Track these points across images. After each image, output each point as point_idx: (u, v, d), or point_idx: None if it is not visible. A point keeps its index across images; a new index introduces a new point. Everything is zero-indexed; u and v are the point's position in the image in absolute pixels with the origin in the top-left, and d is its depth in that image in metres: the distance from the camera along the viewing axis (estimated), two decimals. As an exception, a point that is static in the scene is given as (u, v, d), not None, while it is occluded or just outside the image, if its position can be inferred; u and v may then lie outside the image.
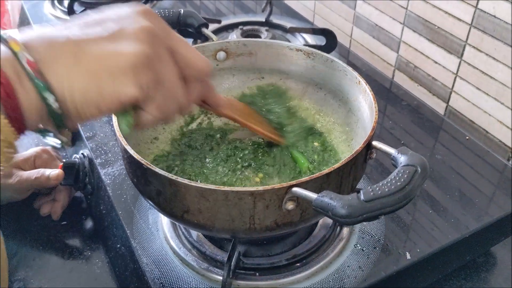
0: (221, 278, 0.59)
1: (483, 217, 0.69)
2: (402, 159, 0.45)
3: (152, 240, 0.65)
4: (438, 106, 0.96)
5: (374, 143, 0.51)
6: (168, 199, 0.50)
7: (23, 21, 1.22)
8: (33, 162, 0.79)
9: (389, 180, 0.42)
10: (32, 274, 0.72)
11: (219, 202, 0.47)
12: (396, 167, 0.45)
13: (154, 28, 0.42)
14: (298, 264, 0.61)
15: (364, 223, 0.66)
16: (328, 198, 0.42)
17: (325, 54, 0.66)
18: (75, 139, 0.86)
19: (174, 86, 0.43)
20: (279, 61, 0.71)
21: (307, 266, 0.60)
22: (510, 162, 0.83)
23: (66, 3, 1.18)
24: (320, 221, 0.65)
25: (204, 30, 0.72)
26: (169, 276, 0.60)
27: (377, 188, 0.42)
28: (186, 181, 0.47)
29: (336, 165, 0.48)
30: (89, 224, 0.80)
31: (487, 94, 0.87)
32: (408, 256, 0.62)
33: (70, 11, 1.08)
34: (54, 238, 0.78)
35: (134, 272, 0.65)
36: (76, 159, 0.79)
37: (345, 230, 0.65)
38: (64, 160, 0.79)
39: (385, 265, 0.61)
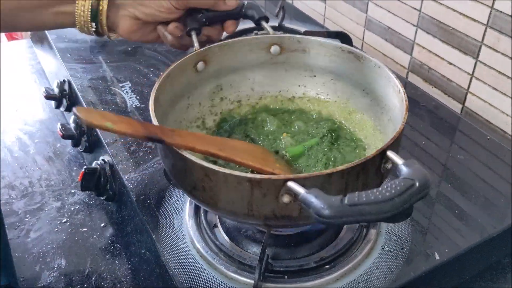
0: (249, 281, 0.59)
1: (506, 218, 0.69)
2: (404, 171, 0.44)
3: (178, 244, 0.65)
4: (454, 107, 0.97)
5: (389, 152, 0.50)
6: (179, 173, 0.54)
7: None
8: None
9: (381, 189, 0.42)
10: (55, 280, 0.72)
11: (220, 183, 0.50)
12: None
13: None
14: (326, 266, 0.61)
15: (390, 224, 0.66)
16: (313, 196, 0.42)
17: (374, 59, 0.66)
18: (95, 145, 0.86)
19: None
20: (331, 61, 0.71)
21: (335, 268, 0.60)
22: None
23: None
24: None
25: (264, 23, 0.73)
26: (197, 280, 0.60)
27: (364, 194, 0.41)
28: (193, 158, 0.50)
29: (340, 167, 0.47)
30: (109, 230, 0.80)
31: (505, 94, 0.87)
32: (437, 257, 0.62)
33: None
34: (75, 244, 0.78)
35: (160, 277, 0.65)
36: (97, 165, 0.79)
37: (372, 231, 0.65)
38: (85, 167, 0.79)
39: (415, 265, 0.61)
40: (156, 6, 0.66)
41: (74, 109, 0.48)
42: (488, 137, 0.84)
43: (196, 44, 0.68)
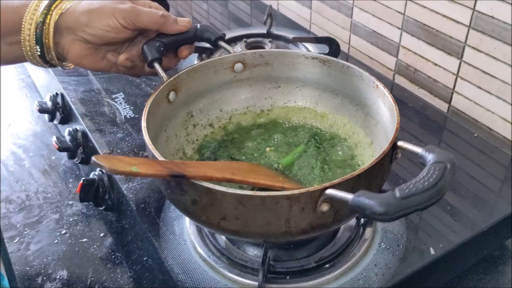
0: (252, 282, 0.61)
1: (495, 213, 0.71)
2: (430, 156, 0.47)
3: (181, 250, 0.66)
4: (441, 107, 0.99)
5: (400, 143, 0.53)
6: (204, 208, 0.51)
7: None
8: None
9: (421, 177, 0.44)
10: (57, 292, 0.73)
11: (255, 207, 0.49)
12: (425, 165, 0.47)
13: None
14: (326, 266, 0.62)
15: (385, 222, 0.68)
16: (364, 198, 0.44)
17: (341, 61, 0.68)
18: (91, 157, 0.87)
19: None
20: (295, 69, 0.73)
21: (335, 267, 0.62)
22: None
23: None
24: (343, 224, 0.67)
25: (221, 43, 0.74)
26: (201, 283, 0.62)
27: (411, 186, 0.44)
28: (223, 189, 0.49)
29: (366, 166, 0.50)
30: (109, 240, 0.81)
31: (489, 92, 0.90)
32: (432, 252, 0.64)
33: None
34: (75, 255, 0.78)
35: (163, 282, 0.66)
36: (95, 176, 0.80)
37: (368, 230, 0.67)
38: (83, 178, 0.80)
39: (411, 261, 0.63)
40: (102, 26, 0.66)
41: (93, 158, 0.47)
42: (475, 135, 0.86)
43: (163, 74, 0.67)
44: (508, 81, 0.86)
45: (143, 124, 0.59)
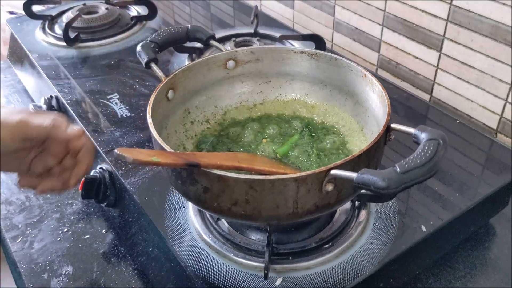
0: (257, 264, 0.64)
1: (477, 194, 0.76)
2: (423, 135, 0.51)
3: (187, 238, 0.69)
4: (423, 98, 1.04)
5: (393, 125, 0.57)
6: (216, 195, 0.55)
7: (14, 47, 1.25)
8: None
9: (418, 153, 0.49)
10: (64, 286, 0.75)
11: (265, 191, 0.52)
12: (419, 143, 0.52)
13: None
14: (326, 246, 0.66)
15: (379, 204, 0.72)
16: (368, 174, 0.48)
17: (328, 53, 0.72)
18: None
19: None
20: (285, 64, 0.77)
21: (334, 246, 0.66)
22: (496, 136, 0.91)
23: (56, 29, 1.22)
24: (339, 208, 0.71)
25: (212, 42, 0.77)
26: (208, 268, 0.65)
27: (410, 161, 0.48)
28: (235, 175, 0.52)
29: (365, 148, 0.54)
30: (111, 235, 0.83)
31: (468, 82, 0.95)
32: (424, 229, 0.68)
33: (66, 38, 1.11)
34: (79, 251, 0.81)
35: (171, 270, 0.69)
36: (97, 174, 0.83)
37: (363, 212, 0.71)
38: (85, 176, 0.82)
39: (405, 238, 0.67)
40: None
41: (116, 151, 0.50)
42: (457, 121, 0.91)
43: (160, 74, 0.70)
44: (486, 71, 0.91)
45: (149, 120, 0.62)
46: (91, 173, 0.84)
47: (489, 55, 0.89)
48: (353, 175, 0.49)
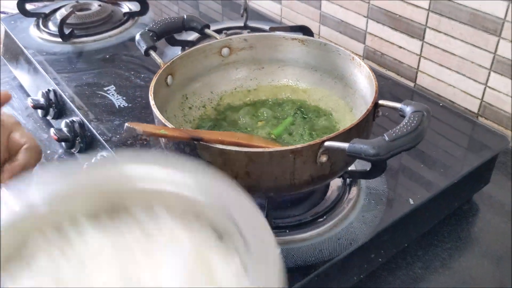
0: (256, 238, 0.68)
1: (464, 168, 0.81)
2: (409, 108, 0.56)
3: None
4: (407, 86, 1.09)
5: (381, 101, 0.61)
6: (218, 169, 0.58)
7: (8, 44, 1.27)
8: None
9: (404, 124, 0.53)
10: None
11: (265, 163, 0.56)
12: (404, 116, 0.56)
13: None
14: (320, 219, 0.70)
15: (369, 180, 0.76)
16: (359, 143, 0.52)
17: (318, 39, 0.77)
18: (89, 145, 0.93)
19: None
20: (277, 51, 0.81)
21: (329, 219, 0.70)
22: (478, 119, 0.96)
23: (50, 26, 1.25)
24: (332, 185, 0.75)
25: (207, 30, 0.81)
26: (210, 243, 0.68)
27: (397, 130, 0.52)
28: (236, 148, 0.56)
29: (355, 122, 0.58)
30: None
31: (450, 69, 1.00)
32: (411, 202, 0.73)
33: (61, 33, 1.14)
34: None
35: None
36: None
37: (354, 188, 0.75)
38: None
39: (394, 210, 0.72)
40: None
41: (127, 124, 0.53)
42: (440, 104, 0.96)
43: (159, 60, 0.74)
44: (466, 57, 0.96)
45: (152, 102, 0.65)
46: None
47: (469, 42, 0.94)
48: (345, 145, 0.53)
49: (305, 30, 1.05)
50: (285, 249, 0.67)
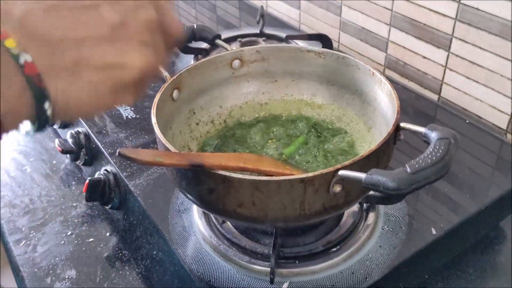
0: (263, 268, 0.63)
1: (492, 192, 0.74)
2: (434, 134, 0.50)
3: (191, 241, 0.68)
4: (431, 98, 1.03)
5: (403, 124, 0.55)
6: (221, 196, 0.53)
7: None
8: None
9: (429, 152, 0.47)
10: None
11: (272, 192, 0.51)
12: (429, 143, 0.50)
13: (156, 19, 0.39)
14: (334, 249, 0.65)
15: (388, 206, 0.70)
16: (377, 175, 0.46)
17: (336, 52, 0.71)
18: (94, 158, 0.89)
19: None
20: (291, 63, 0.75)
21: (342, 250, 0.64)
22: (506, 136, 0.89)
23: None
24: (347, 211, 0.70)
25: (218, 41, 0.76)
26: (213, 272, 0.64)
27: (420, 161, 0.46)
28: (240, 176, 0.51)
29: (373, 148, 0.52)
30: (115, 238, 0.82)
31: (477, 82, 0.94)
32: (434, 231, 0.67)
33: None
34: (83, 255, 0.80)
35: (175, 274, 0.68)
36: (101, 176, 0.82)
37: (371, 215, 0.69)
38: (89, 178, 0.81)
39: (415, 241, 0.66)
40: None
41: (119, 150, 0.47)
42: (467, 121, 0.90)
43: (166, 73, 0.68)
44: (495, 70, 0.89)
45: (154, 120, 0.60)
46: (96, 175, 0.84)
47: (498, 53, 0.88)
48: (361, 175, 0.47)
49: (323, 39, 0.99)
50: (293, 282, 0.62)
